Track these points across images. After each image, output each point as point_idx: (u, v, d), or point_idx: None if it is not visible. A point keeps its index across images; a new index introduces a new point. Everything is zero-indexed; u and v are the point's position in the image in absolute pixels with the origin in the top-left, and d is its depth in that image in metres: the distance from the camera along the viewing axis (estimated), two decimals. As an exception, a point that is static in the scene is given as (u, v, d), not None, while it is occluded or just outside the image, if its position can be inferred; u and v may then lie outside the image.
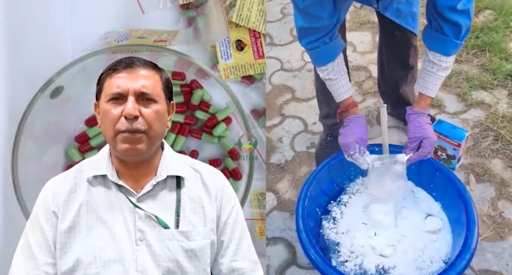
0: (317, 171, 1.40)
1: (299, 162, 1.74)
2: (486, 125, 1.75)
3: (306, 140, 1.82)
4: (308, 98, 1.98)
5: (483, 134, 1.72)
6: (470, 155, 1.66)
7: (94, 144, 1.33)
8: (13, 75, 1.22)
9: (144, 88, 0.88)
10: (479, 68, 2.03)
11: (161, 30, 1.33)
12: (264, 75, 1.38)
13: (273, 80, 2.12)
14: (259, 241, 1.37)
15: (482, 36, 2.14)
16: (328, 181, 1.44)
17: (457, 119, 1.80)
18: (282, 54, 2.22)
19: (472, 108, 1.84)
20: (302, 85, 2.05)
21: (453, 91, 1.93)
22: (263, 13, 1.32)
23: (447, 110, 1.86)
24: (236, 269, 0.94)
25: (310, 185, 1.36)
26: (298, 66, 2.16)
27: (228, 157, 1.37)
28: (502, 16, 2.19)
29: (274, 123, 1.91)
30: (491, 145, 1.67)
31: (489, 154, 1.65)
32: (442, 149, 1.54)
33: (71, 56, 1.26)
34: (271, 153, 1.79)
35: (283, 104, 2.00)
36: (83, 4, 1.29)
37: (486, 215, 1.48)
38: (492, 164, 1.62)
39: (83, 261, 0.86)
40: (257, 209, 1.40)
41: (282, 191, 1.65)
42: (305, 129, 1.88)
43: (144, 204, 0.91)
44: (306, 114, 1.92)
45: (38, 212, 0.91)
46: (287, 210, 1.58)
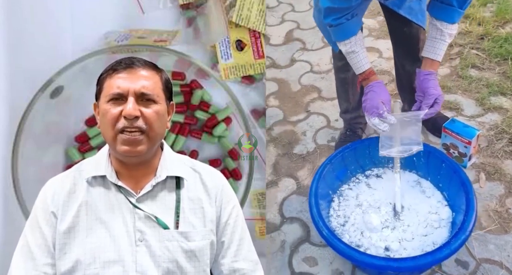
0: (331, 156, 1.50)
1: (319, 153, 1.89)
2: (501, 128, 1.82)
3: (327, 134, 1.98)
4: (333, 97, 2.10)
5: (498, 137, 1.79)
6: (483, 155, 1.72)
7: (94, 144, 1.33)
8: (13, 75, 1.22)
9: (144, 88, 0.87)
10: (500, 75, 2.11)
11: (161, 30, 1.33)
12: (264, 75, 1.38)
13: (302, 80, 2.31)
14: (259, 241, 1.37)
15: (506, 46, 2.23)
16: (342, 167, 1.53)
17: (474, 122, 1.87)
18: (312, 58, 2.43)
19: (490, 112, 1.91)
20: (329, 86, 2.22)
21: (472, 96, 2.01)
22: (263, 13, 1.32)
23: (465, 113, 1.94)
24: (237, 269, 0.94)
25: (325, 168, 1.45)
26: (326, 69, 2.35)
27: (228, 157, 1.37)
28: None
29: (300, 118, 2.09)
30: (505, 146, 1.74)
31: (502, 154, 1.72)
32: (454, 146, 1.61)
33: (71, 56, 1.26)
34: (295, 144, 1.95)
35: (310, 102, 2.18)
36: (83, 4, 1.29)
37: (492, 210, 1.55)
38: (504, 164, 1.68)
39: (82, 261, 0.86)
40: (257, 209, 1.40)
41: (302, 177, 1.80)
42: (328, 124, 2.04)
43: (144, 204, 0.91)
44: (329, 112, 2.09)
45: (37, 212, 0.91)
46: (305, 194, 1.72)
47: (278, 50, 2.55)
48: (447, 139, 1.65)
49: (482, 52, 2.26)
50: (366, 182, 1.57)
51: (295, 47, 2.56)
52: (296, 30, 2.71)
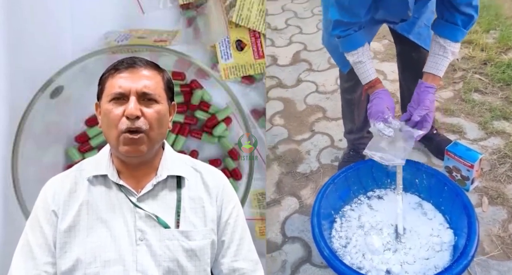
0: (334, 176, 1.50)
1: (323, 173, 1.90)
2: (504, 153, 1.83)
3: (331, 154, 2.00)
4: (338, 117, 2.15)
5: (500, 161, 1.80)
6: (486, 179, 1.72)
7: (94, 144, 1.33)
8: (13, 75, 1.22)
9: (146, 88, 0.88)
10: (503, 100, 2.14)
11: (161, 30, 1.33)
12: (264, 75, 1.38)
13: (308, 100, 2.36)
14: (259, 241, 1.37)
15: (509, 72, 2.27)
16: (345, 187, 1.52)
17: (476, 146, 1.89)
18: (318, 79, 2.50)
19: (492, 137, 1.93)
20: (333, 106, 2.27)
21: (475, 120, 2.04)
22: (263, 13, 1.32)
23: (467, 136, 1.96)
24: (237, 269, 0.94)
25: (327, 188, 1.45)
26: (331, 90, 2.40)
27: (228, 157, 1.37)
28: None
29: (304, 137, 2.12)
30: (507, 171, 1.74)
31: (505, 179, 1.72)
32: (456, 169, 1.63)
33: (71, 56, 1.26)
34: (299, 163, 1.96)
35: (314, 122, 2.21)
36: (83, 4, 1.29)
37: (495, 235, 1.53)
38: (507, 188, 1.68)
39: (83, 260, 0.86)
40: (257, 209, 1.40)
41: (305, 196, 1.79)
42: (332, 144, 2.06)
43: (145, 204, 0.91)
44: (334, 132, 2.12)
45: (38, 211, 0.91)
46: (307, 214, 1.71)
47: (285, 71, 2.60)
48: (449, 162, 1.66)
49: (485, 77, 2.30)
50: (368, 203, 1.56)
51: (302, 68, 2.62)
52: (303, 51, 2.77)
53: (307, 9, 3.23)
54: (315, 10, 3.21)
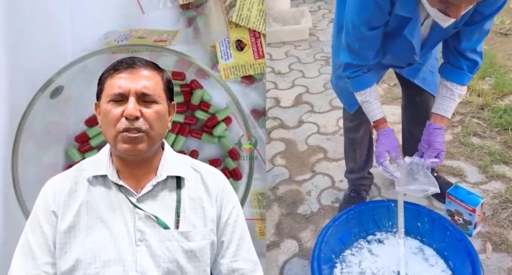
0: (335, 218, 1.49)
1: (323, 214, 1.89)
2: (505, 197, 1.83)
3: (332, 195, 2.00)
4: (338, 158, 2.21)
5: (502, 206, 1.80)
6: (489, 224, 1.72)
7: (94, 144, 1.33)
8: (13, 75, 1.22)
9: (145, 89, 0.87)
10: (501, 144, 2.17)
11: (161, 30, 1.33)
12: (264, 75, 1.38)
13: (309, 141, 2.41)
14: (259, 241, 1.37)
15: (506, 117, 2.33)
16: (346, 230, 1.52)
17: (478, 189, 1.90)
18: (320, 120, 2.57)
19: (493, 180, 1.94)
20: (335, 147, 2.32)
21: (475, 164, 2.06)
22: (263, 13, 1.32)
23: (468, 180, 1.97)
24: (236, 269, 0.94)
25: (328, 230, 1.44)
26: (332, 131, 2.47)
27: (228, 157, 1.37)
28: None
29: (305, 178, 2.13)
30: (510, 216, 1.74)
31: (507, 224, 1.71)
32: (458, 213, 1.63)
33: (71, 56, 1.26)
34: (299, 204, 1.96)
35: (315, 162, 2.23)
36: (83, 4, 1.29)
37: None
38: (510, 234, 1.67)
39: (82, 261, 0.86)
40: (257, 209, 1.40)
41: (305, 239, 1.78)
42: (332, 185, 2.07)
43: (144, 204, 0.91)
44: (334, 172, 2.13)
45: (38, 211, 0.91)
46: (307, 258, 1.68)
47: (287, 112, 2.68)
48: (451, 205, 1.66)
49: (483, 122, 2.35)
50: (369, 248, 1.54)
51: (304, 109, 2.69)
52: (305, 93, 2.88)
53: (309, 55, 3.40)
54: (317, 56, 3.37)
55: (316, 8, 4.29)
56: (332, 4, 4.30)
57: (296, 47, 3.53)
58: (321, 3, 4.42)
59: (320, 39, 3.66)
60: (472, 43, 1.34)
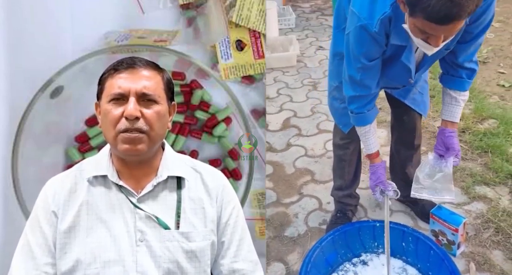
0: (322, 239, 1.51)
1: (311, 236, 1.90)
2: (487, 217, 1.89)
3: (319, 217, 2.02)
4: (326, 180, 2.26)
5: (484, 226, 1.86)
6: (472, 244, 1.77)
7: (94, 144, 1.33)
8: (13, 75, 1.22)
9: (146, 89, 0.87)
10: (482, 166, 2.25)
11: (161, 30, 1.33)
12: (264, 75, 1.38)
13: (297, 164, 2.44)
14: (259, 241, 1.37)
15: (486, 140, 2.42)
16: (332, 251, 1.54)
17: (461, 210, 1.96)
18: (307, 143, 2.63)
19: (475, 201, 2.00)
20: (322, 169, 2.36)
21: (458, 185, 2.11)
22: (263, 13, 1.32)
23: (451, 201, 1.99)
24: (236, 270, 0.94)
25: (315, 252, 1.45)
26: (319, 154, 2.52)
27: (228, 157, 1.37)
28: (503, 125, 2.53)
29: (293, 200, 2.15)
30: (492, 236, 1.80)
31: (490, 244, 1.76)
32: (442, 233, 1.68)
33: (71, 56, 1.26)
34: (286, 226, 1.98)
35: (303, 184, 2.26)
36: (83, 4, 1.29)
37: None
38: (493, 254, 1.71)
39: (83, 261, 0.86)
40: (257, 209, 1.40)
41: (292, 262, 1.77)
42: (320, 207, 2.09)
43: (145, 204, 0.91)
44: (322, 194, 2.16)
45: (38, 211, 0.91)
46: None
47: (275, 136, 2.74)
48: (435, 225, 1.71)
49: (464, 144, 2.43)
50: (354, 271, 1.57)
51: (292, 133, 2.76)
52: (293, 118, 2.94)
53: (297, 80, 3.50)
54: (304, 81, 3.46)
55: (303, 36, 4.46)
56: (319, 32, 4.54)
57: (284, 73, 3.66)
58: (308, 31, 4.60)
59: (308, 65, 3.78)
60: (468, 56, 1.42)
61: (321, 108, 3.02)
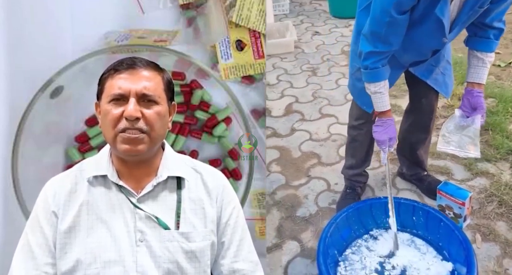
0: (336, 216, 1.57)
1: (322, 216, 1.95)
2: (490, 192, 1.96)
3: (328, 197, 2.07)
4: (332, 163, 2.31)
5: (488, 200, 1.93)
6: (477, 217, 1.84)
7: (94, 144, 1.33)
8: (13, 75, 1.22)
9: (146, 89, 0.87)
10: (483, 144, 2.29)
11: (161, 30, 1.33)
12: (264, 75, 1.38)
13: (302, 148, 2.48)
14: (259, 241, 1.37)
15: (486, 119, 2.37)
16: (346, 227, 1.60)
17: (464, 185, 2.03)
18: (311, 127, 2.67)
19: (478, 177, 2.08)
20: (327, 152, 2.41)
21: (461, 162, 2.19)
22: (263, 13, 1.32)
23: (455, 177, 2.10)
24: (236, 270, 0.94)
25: (330, 227, 1.51)
26: (324, 137, 2.56)
27: (228, 157, 1.37)
28: (502, 103, 2.58)
29: (301, 183, 2.19)
30: (495, 208, 1.87)
31: (494, 216, 1.84)
32: (449, 208, 1.74)
33: (71, 56, 1.26)
34: (297, 207, 2.02)
35: (310, 167, 2.30)
36: (83, 4, 1.29)
37: (492, 271, 1.61)
38: (497, 225, 1.79)
39: (83, 261, 0.86)
40: (257, 209, 1.40)
41: (305, 240, 1.83)
42: (328, 188, 2.13)
43: (145, 204, 0.91)
44: (329, 176, 2.21)
45: (38, 211, 0.91)
46: (309, 257, 1.74)
47: (279, 121, 2.77)
48: (442, 201, 1.76)
49: None
50: (366, 246, 1.62)
51: (295, 118, 2.79)
52: (295, 103, 2.98)
53: (296, 66, 3.52)
54: (303, 67, 3.49)
55: (298, 22, 4.46)
56: (314, 18, 4.54)
57: (283, 59, 3.66)
58: (303, 17, 4.60)
59: (305, 51, 3.79)
60: (498, 15, 1.43)
61: (322, 93, 3.05)
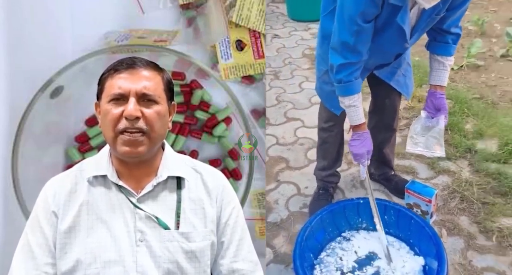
0: (311, 219, 1.58)
1: (293, 220, 1.96)
2: (453, 188, 2.07)
3: (299, 201, 2.08)
4: (300, 166, 2.32)
5: (451, 196, 2.03)
6: (441, 213, 1.94)
7: (94, 144, 1.33)
8: (13, 75, 1.22)
9: (146, 89, 0.87)
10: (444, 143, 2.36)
11: (161, 30, 1.33)
12: (264, 75, 1.38)
13: (270, 152, 2.49)
14: (259, 241, 1.37)
15: None
16: (321, 230, 1.62)
17: (429, 183, 2.11)
18: (277, 132, 2.68)
19: (441, 175, 2.18)
20: (295, 156, 2.42)
21: (424, 161, 2.28)
22: (263, 13, 1.32)
23: (420, 176, 2.19)
24: (236, 270, 0.94)
25: (306, 231, 1.53)
26: (291, 141, 2.57)
27: (228, 157, 1.37)
28: (458, 104, 2.71)
29: (271, 188, 2.19)
30: (458, 204, 1.98)
31: (457, 212, 1.94)
32: (417, 205, 1.82)
33: (71, 56, 1.25)
34: (268, 213, 2.02)
35: (279, 172, 2.31)
36: (83, 4, 1.29)
37: (457, 263, 1.69)
38: (460, 220, 1.90)
39: (83, 261, 0.86)
40: (257, 209, 1.40)
41: (278, 245, 1.83)
42: (298, 192, 2.14)
43: (145, 204, 0.91)
44: (299, 180, 2.22)
45: (38, 211, 0.91)
46: (282, 262, 1.74)
47: None
48: (410, 199, 1.83)
49: None
50: (340, 247, 1.65)
51: None
52: None
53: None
54: (265, 70, 3.40)
55: None
56: (272, 20, 4.60)
57: None
58: None
59: (266, 54, 3.78)
60: (454, 21, 1.52)
61: (286, 97, 3.06)
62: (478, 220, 1.88)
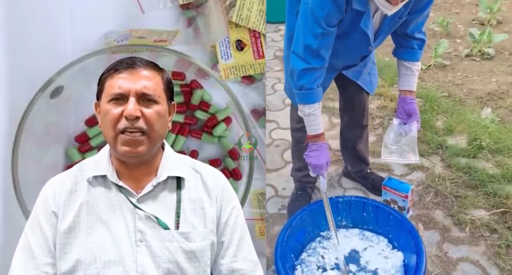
0: (291, 220, 1.58)
1: (272, 222, 1.98)
2: (427, 184, 2.15)
3: (277, 203, 2.09)
4: (277, 168, 2.34)
5: (425, 191, 2.11)
6: (417, 208, 2.01)
7: (94, 144, 1.33)
8: (13, 75, 1.22)
9: (146, 89, 0.87)
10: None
11: (161, 30, 1.33)
12: (264, 75, 1.38)
13: None
14: (259, 241, 1.37)
15: None
16: (301, 230, 1.62)
17: (404, 180, 2.18)
18: None
19: (415, 171, 2.26)
20: (272, 158, 2.43)
21: None
22: (263, 13, 1.32)
23: (395, 173, 2.25)
24: (236, 270, 0.94)
25: (286, 231, 1.53)
26: (267, 143, 2.51)
27: (228, 157, 1.37)
28: (428, 102, 2.80)
29: None
30: (432, 199, 2.06)
31: (431, 206, 2.01)
32: (394, 201, 1.83)
33: (71, 56, 1.26)
34: None
35: None
36: (84, 4, 1.29)
37: (434, 256, 1.75)
38: (435, 214, 1.97)
39: (83, 261, 0.86)
40: (257, 209, 1.40)
41: None
42: (276, 194, 2.16)
43: (144, 204, 0.91)
44: (276, 182, 2.23)
45: (38, 212, 0.91)
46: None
47: None
48: (387, 195, 1.83)
49: None
50: (322, 246, 1.66)
51: None
52: None
53: None
54: None
55: None
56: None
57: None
58: None
59: None
60: (418, 26, 1.55)
61: None
62: (451, 213, 1.95)
